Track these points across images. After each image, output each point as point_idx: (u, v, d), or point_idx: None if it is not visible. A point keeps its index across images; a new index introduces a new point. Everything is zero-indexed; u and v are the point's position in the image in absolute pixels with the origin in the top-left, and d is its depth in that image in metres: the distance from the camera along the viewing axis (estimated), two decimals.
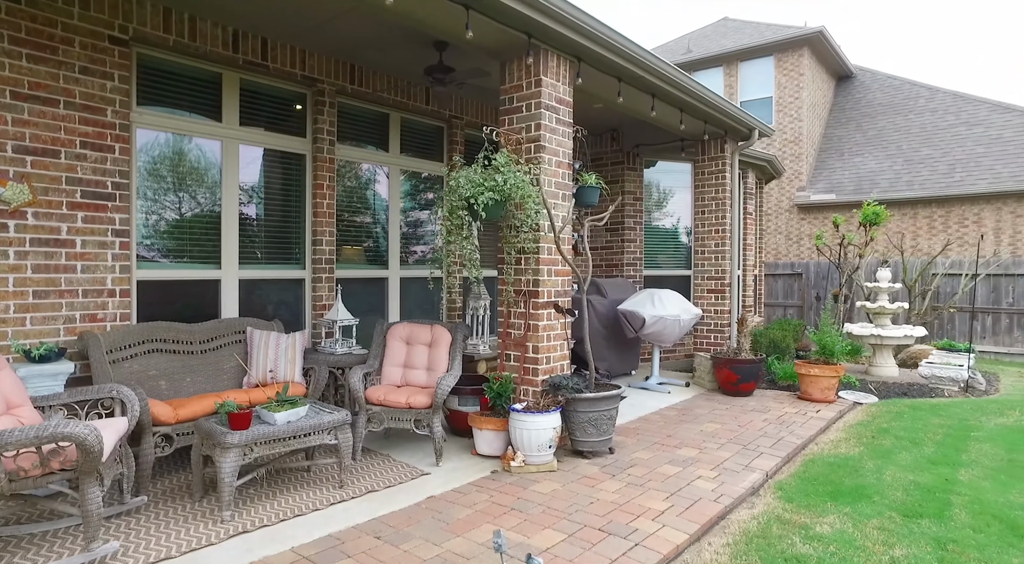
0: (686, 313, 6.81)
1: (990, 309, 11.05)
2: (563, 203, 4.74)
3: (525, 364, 4.65)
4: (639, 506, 3.63)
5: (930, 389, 7.55)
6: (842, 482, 4.16)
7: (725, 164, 7.62)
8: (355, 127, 6.09)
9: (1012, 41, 74.61)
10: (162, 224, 4.84)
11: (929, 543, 3.23)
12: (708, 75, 16.57)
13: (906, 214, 13.74)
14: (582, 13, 4.51)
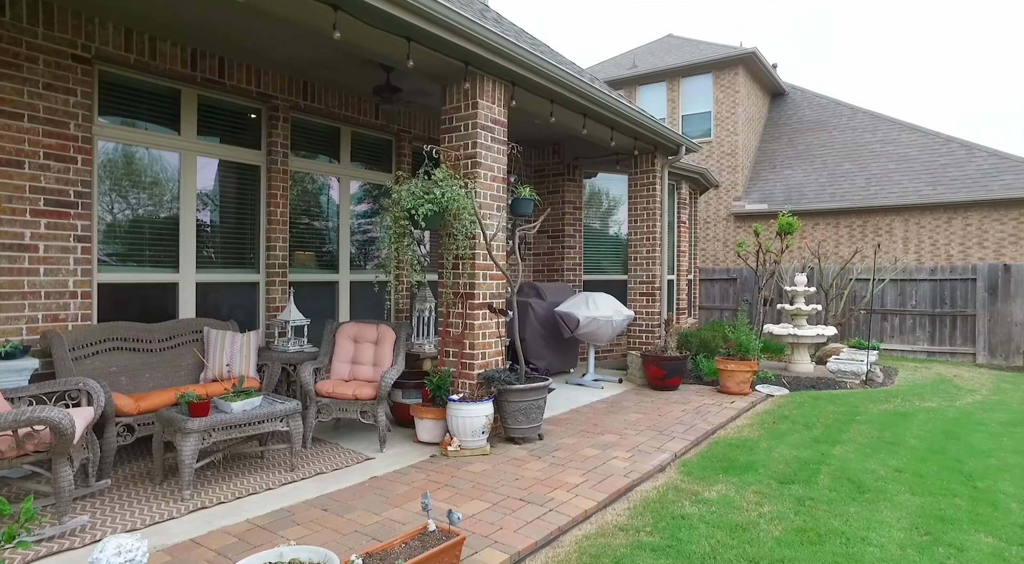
0: (618, 315, 7.42)
1: (897, 311, 12.09)
2: (497, 213, 5.26)
3: (462, 360, 5.14)
4: (558, 481, 4.17)
5: (836, 382, 8.36)
6: (737, 459, 4.79)
7: (655, 177, 8.30)
8: (308, 140, 6.49)
9: (922, 64, 79.70)
10: (123, 230, 5.14)
11: (792, 501, 3.87)
12: (652, 89, 17.45)
13: (830, 223, 14.82)
14: (514, 44, 5.05)
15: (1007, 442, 5.39)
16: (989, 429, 5.86)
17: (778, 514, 3.68)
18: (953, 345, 11.68)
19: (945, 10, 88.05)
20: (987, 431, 5.77)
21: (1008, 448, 5.19)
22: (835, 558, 3.11)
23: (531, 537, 3.28)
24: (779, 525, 3.53)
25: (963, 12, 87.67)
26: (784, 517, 3.64)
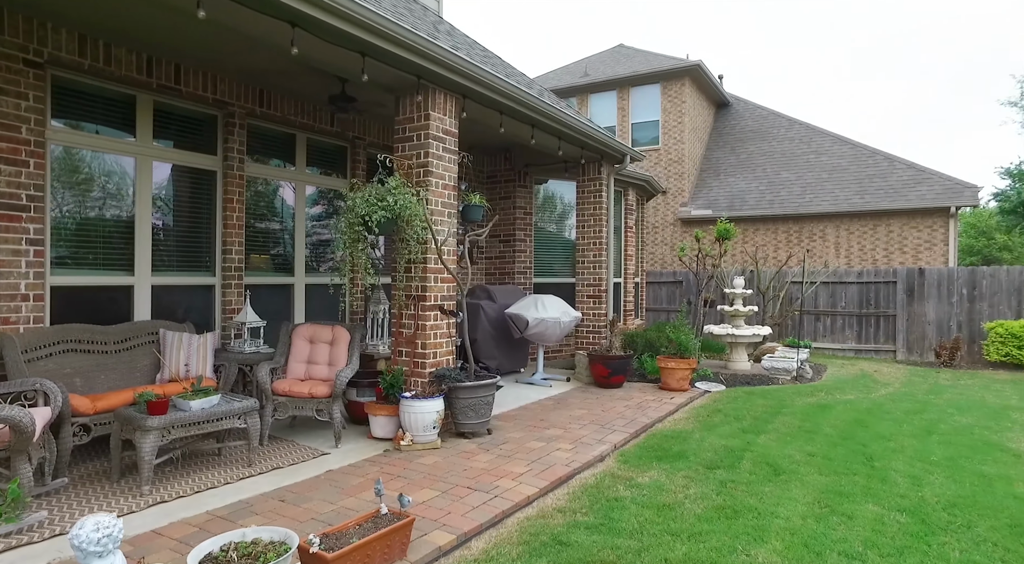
0: (566, 316, 7.78)
1: (828, 312, 12.88)
2: (448, 220, 5.54)
3: (415, 359, 5.40)
4: (504, 471, 4.47)
5: (769, 379, 8.94)
6: (670, 448, 5.19)
7: (602, 184, 8.71)
8: (264, 146, 6.62)
9: (851, 79, 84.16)
10: (77, 233, 5.20)
11: (716, 483, 4.27)
12: (604, 98, 17.99)
13: (769, 229, 15.62)
14: (464, 60, 5.34)
15: (906, 427, 5.97)
16: (894, 417, 6.45)
17: (702, 495, 4.08)
18: (877, 343, 12.52)
19: (874, 36, 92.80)
20: (892, 419, 6.36)
21: (906, 433, 5.77)
22: (746, 529, 3.51)
23: (477, 520, 3.57)
24: (702, 504, 3.92)
25: (888, 40, 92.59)
26: (707, 497, 4.03)
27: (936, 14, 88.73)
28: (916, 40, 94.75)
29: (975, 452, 5.20)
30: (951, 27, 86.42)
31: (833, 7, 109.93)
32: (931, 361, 11.70)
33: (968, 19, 79.54)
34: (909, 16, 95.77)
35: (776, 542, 3.35)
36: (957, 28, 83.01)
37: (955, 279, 11.79)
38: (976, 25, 77.64)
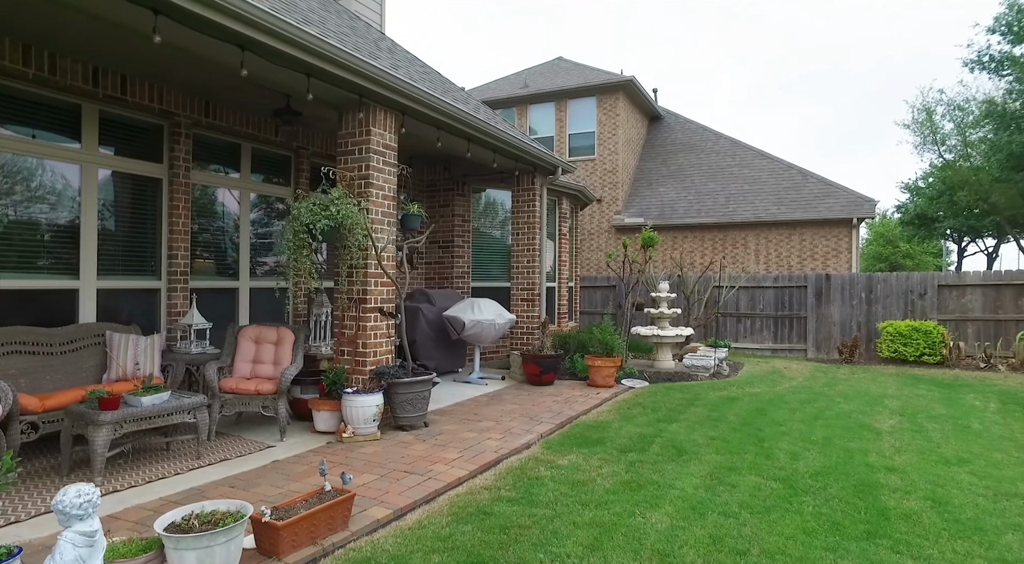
0: (501, 318, 8.29)
1: (748, 314, 13.89)
2: (387, 228, 5.96)
3: (356, 357, 5.79)
4: (438, 458, 4.93)
5: (690, 376, 9.71)
6: (591, 436, 5.77)
7: (535, 194, 9.29)
8: (209, 155, 6.86)
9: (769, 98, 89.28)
10: (21, 239, 5.34)
11: (626, 464, 4.86)
12: (543, 109, 18.67)
13: (697, 236, 16.63)
14: (403, 81, 5.78)
15: (798, 414, 6.77)
16: (790, 406, 7.26)
17: (612, 473, 4.65)
18: (791, 343, 13.59)
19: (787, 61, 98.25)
20: (788, 408, 7.16)
21: (797, 419, 6.55)
22: (646, 498, 4.09)
23: (412, 497, 4.02)
24: (611, 480, 4.48)
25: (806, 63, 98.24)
26: (616, 474, 4.61)
27: (848, 40, 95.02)
28: (833, 61, 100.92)
29: (848, 432, 6.00)
30: (863, 51, 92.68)
31: (762, 29, 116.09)
32: (835, 358, 12.81)
33: (879, 44, 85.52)
34: (826, 41, 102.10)
35: (669, 507, 3.95)
36: (868, 52, 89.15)
37: (856, 284, 12.96)
38: (886, 49, 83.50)
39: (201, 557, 2.67)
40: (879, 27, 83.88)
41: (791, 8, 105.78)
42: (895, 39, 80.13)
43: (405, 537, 3.46)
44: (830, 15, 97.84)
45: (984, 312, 12.07)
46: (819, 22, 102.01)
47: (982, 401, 7.84)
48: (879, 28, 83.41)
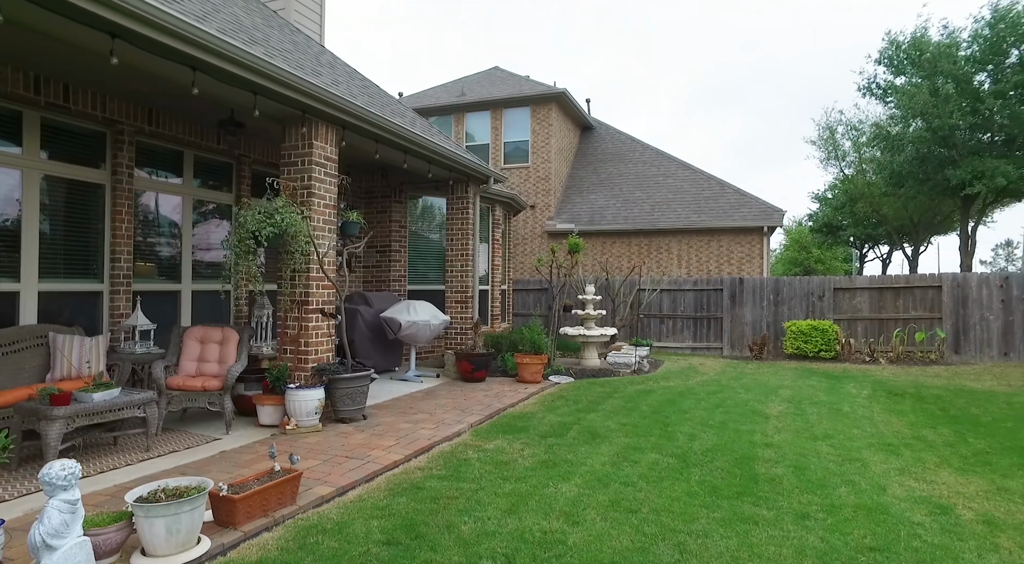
0: (435, 319, 8.80)
1: (670, 315, 14.90)
2: (328, 235, 6.39)
3: (298, 355, 6.19)
4: (376, 445, 5.41)
5: (612, 372, 10.49)
6: (516, 425, 6.38)
7: (468, 202, 9.85)
8: (152, 161, 7.08)
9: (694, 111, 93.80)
10: None
11: (545, 446, 5.49)
12: (479, 117, 19.25)
13: (624, 242, 17.60)
14: (343, 99, 6.24)
15: (703, 404, 7.62)
16: (698, 397, 8.12)
17: (533, 454, 5.26)
18: (709, 341, 14.68)
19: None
20: (695, 398, 8.01)
21: (701, 407, 7.39)
22: (559, 473, 4.72)
23: (352, 477, 4.50)
24: (531, 460, 5.10)
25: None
26: (536, 455, 5.23)
27: (781, 56, 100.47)
28: (761, 77, 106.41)
29: (742, 417, 6.86)
30: (793, 68, 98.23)
31: (692, 45, 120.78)
32: (747, 355, 13.96)
33: (806, 61, 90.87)
34: (760, 56, 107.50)
35: (578, 480, 4.59)
36: (797, 69, 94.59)
37: (765, 287, 14.17)
38: (810, 68, 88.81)
39: (169, 524, 3.09)
40: (807, 44, 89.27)
41: (723, 24, 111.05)
42: (819, 57, 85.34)
43: (347, 508, 3.95)
44: (762, 31, 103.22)
45: (871, 312, 13.48)
46: (752, 38, 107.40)
47: (858, 389, 8.95)
48: (807, 45, 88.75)
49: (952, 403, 7.95)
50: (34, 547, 2.70)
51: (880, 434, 6.23)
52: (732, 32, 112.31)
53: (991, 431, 6.40)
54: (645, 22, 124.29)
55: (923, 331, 12.95)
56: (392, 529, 3.60)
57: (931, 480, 4.74)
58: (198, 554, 3.18)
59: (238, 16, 6.62)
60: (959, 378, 10.28)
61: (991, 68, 14.30)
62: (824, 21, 79.27)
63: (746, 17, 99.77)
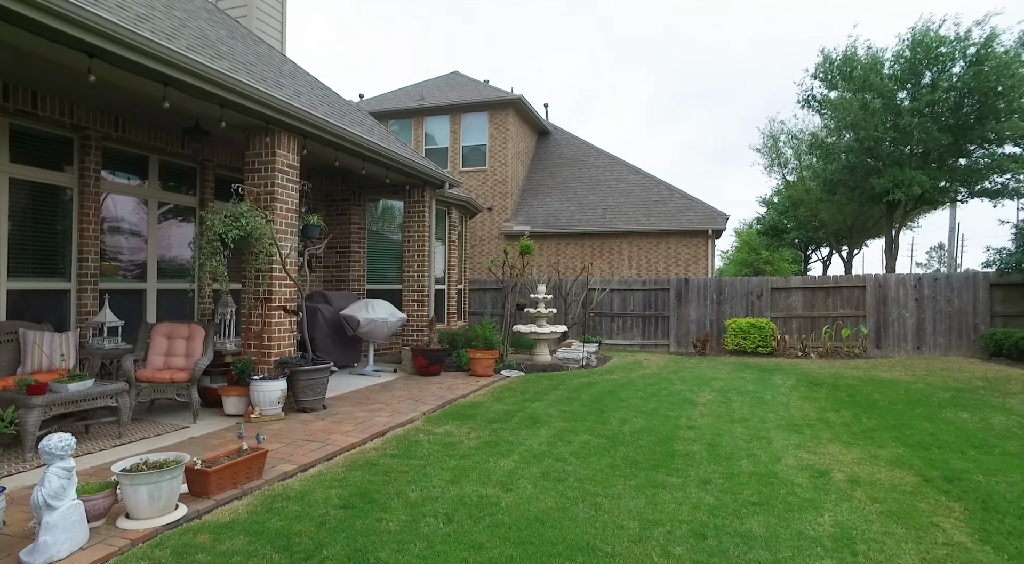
0: (393, 317, 9.30)
1: (620, 313, 15.68)
2: (291, 237, 6.84)
3: (262, 349, 6.62)
4: (336, 430, 5.91)
5: (562, 367, 11.14)
6: (466, 413, 6.94)
7: (425, 206, 10.37)
8: (119, 166, 7.39)
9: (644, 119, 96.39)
10: None
11: (490, 430, 6.07)
12: (438, 120, 19.73)
13: (578, 243, 18.33)
14: (305, 111, 6.70)
15: (640, 394, 8.33)
16: (637, 388, 8.83)
17: (478, 437, 5.84)
18: (656, 339, 15.50)
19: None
20: (634, 389, 8.72)
21: (638, 396, 8.09)
22: (500, 452, 5.30)
23: (313, 457, 5.00)
24: (476, 441, 5.67)
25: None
26: (481, 437, 5.81)
27: (728, 70, 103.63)
28: (716, 87, 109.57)
29: (673, 405, 7.57)
30: (750, 76, 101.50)
31: (658, 54, 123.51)
32: (691, 351, 14.82)
33: (754, 73, 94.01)
34: (708, 70, 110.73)
35: (516, 456, 5.19)
36: (746, 81, 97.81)
37: (709, 287, 15.05)
38: (757, 79, 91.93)
39: (152, 490, 3.55)
40: (762, 56, 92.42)
41: (687, 36, 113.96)
42: (773, 67, 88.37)
43: (308, 481, 4.46)
44: (724, 43, 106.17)
45: (804, 310, 14.50)
46: (715, 49, 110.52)
47: (783, 380, 9.81)
48: (762, 57, 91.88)
49: (860, 391, 8.85)
50: (37, 506, 3.14)
51: (790, 417, 7.02)
52: (696, 44, 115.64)
53: (883, 413, 7.26)
54: (613, 30, 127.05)
55: (849, 328, 14.01)
56: (348, 496, 4.13)
57: (820, 452, 5.50)
58: (177, 517, 3.65)
59: (204, 30, 7.01)
60: (874, 370, 11.28)
61: (909, 87, 15.53)
62: (778, 33, 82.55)
63: (708, 31, 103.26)
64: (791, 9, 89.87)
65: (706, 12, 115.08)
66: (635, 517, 3.88)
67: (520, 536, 3.54)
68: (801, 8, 77.67)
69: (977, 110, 14.75)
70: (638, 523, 3.77)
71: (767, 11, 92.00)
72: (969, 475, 4.82)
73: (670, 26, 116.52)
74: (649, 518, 3.86)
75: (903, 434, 6.24)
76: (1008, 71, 13.94)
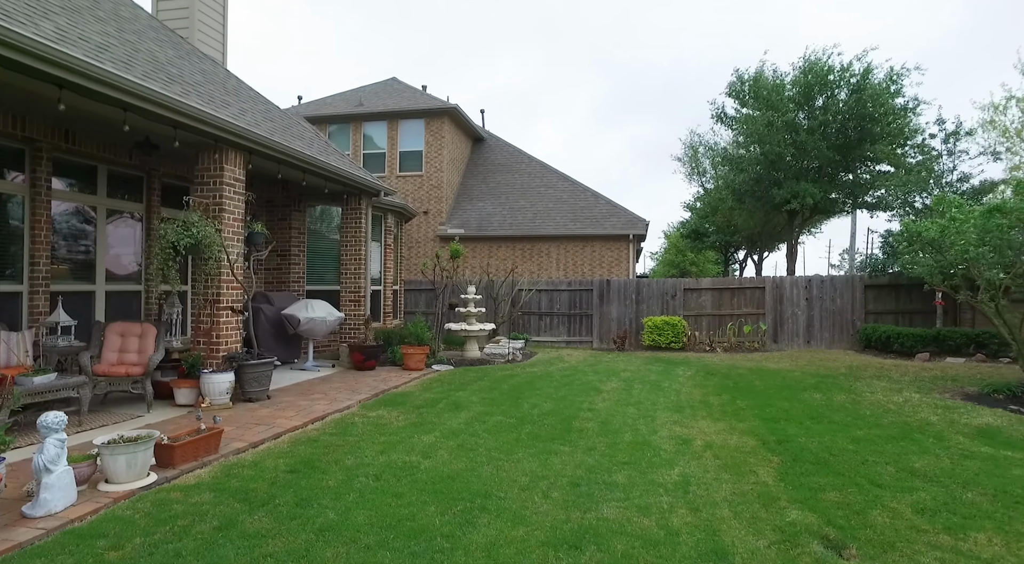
0: (331, 316, 10.05)
1: (548, 312, 16.83)
2: (237, 243, 7.54)
3: (211, 346, 7.32)
4: (280, 416, 6.69)
5: (489, 361, 12.14)
6: (396, 400, 7.83)
7: (361, 212, 11.15)
8: (69, 175, 7.88)
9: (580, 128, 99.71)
10: None
11: (417, 414, 7.00)
12: (376, 126, 20.38)
13: (510, 246, 19.38)
14: (251, 131, 7.42)
15: (555, 383, 9.43)
16: (553, 379, 9.93)
17: (406, 419, 6.76)
18: (581, 336, 16.73)
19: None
20: (551, 380, 9.82)
21: (552, 386, 9.18)
22: (423, 430, 6.24)
23: (262, 436, 5.80)
24: (404, 422, 6.59)
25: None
26: (408, 419, 6.73)
27: (667, 78, 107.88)
28: (651, 96, 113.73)
29: (581, 392, 8.69)
30: (678, 89, 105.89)
31: (602, 58, 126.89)
32: (612, 347, 16.11)
33: (691, 83, 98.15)
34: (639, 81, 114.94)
35: (437, 433, 6.14)
36: (681, 90, 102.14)
37: (629, 288, 16.39)
38: (693, 87, 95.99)
39: (129, 459, 4.31)
40: (698, 67, 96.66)
41: (632, 40, 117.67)
42: (707, 78, 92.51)
43: (259, 454, 5.28)
44: (666, 50, 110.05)
45: (712, 309, 16.04)
46: (656, 56, 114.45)
47: (685, 371, 11.14)
48: (698, 67, 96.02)
49: (745, 379, 10.24)
50: (37, 469, 3.87)
51: (678, 401, 8.25)
52: (641, 48, 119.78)
53: (756, 396, 8.61)
54: (558, 34, 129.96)
55: (750, 325, 15.63)
56: (294, 464, 4.99)
57: (691, 426, 6.70)
58: (149, 481, 4.42)
59: (154, 52, 7.61)
60: (766, 361, 12.80)
61: (806, 108, 17.37)
62: (709, 45, 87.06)
63: (656, 34, 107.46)
64: (718, 30, 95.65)
65: (643, 28, 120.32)
66: (528, 474, 4.90)
67: (434, 488, 4.50)
68: (721, 30, 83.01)
69: (858, 132, 16.70)
70: (529, 478, 4.80)
71: (695, 28, 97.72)
72: (796, 439, 6.11)
73: (620, 25, 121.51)
74: (538, 474, 4.90)
75: (763, 411, 7.55)
76: (880, 101, 15.92)
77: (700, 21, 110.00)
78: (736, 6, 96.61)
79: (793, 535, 3.76)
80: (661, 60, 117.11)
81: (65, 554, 3.32)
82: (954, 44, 73.29)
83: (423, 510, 4.06)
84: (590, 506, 4.20)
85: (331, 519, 3.86)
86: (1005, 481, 4.75)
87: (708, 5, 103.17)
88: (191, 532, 3.63)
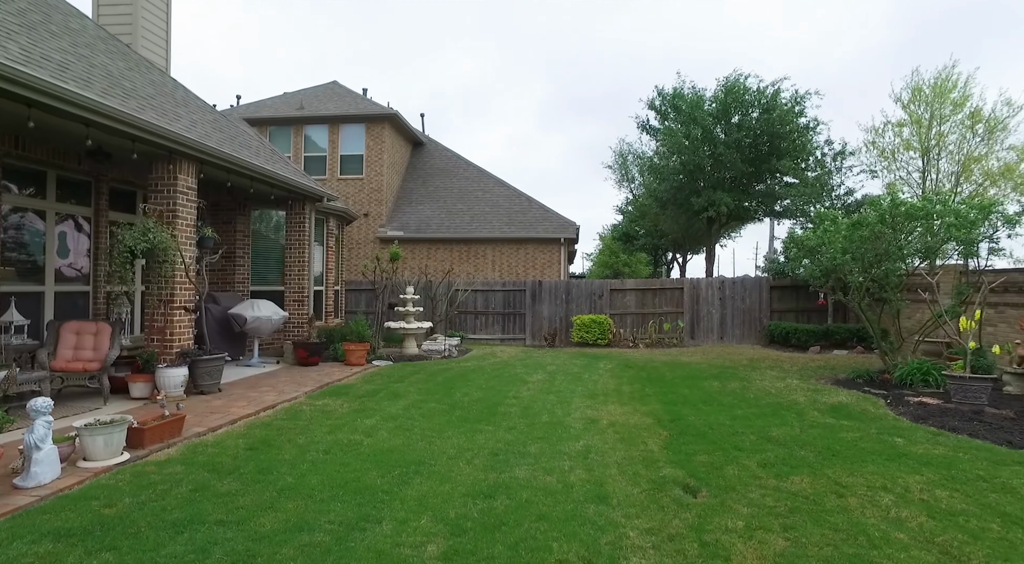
0: (276, 315, 10.64)
1: (484, 311, 17.75)
2: (190, 247, 8.11)
3: (164, 342, 7.86)
4: (233, 405, 7.34)
5: (426, 357, 12.95)
6: (340, 391, 8.58)
7: (305, 217, 11.76)
8: (19, 181, 8.21)
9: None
10: None
11: (358, 402, 7.78)
12: (318, 129, 20.78)
13: (448, 248, 20.19)
14: (202, 144, 8.00)
15: (485, 375, 10.36)
16: (484, 372, 10.86)
17: (349, 407, 7.54)
18: (515, 333, 17.73)
19: None
20: (482, 373, 10.74)
21: (483, 378, 10.12)
22: (365, 415, 7.04)
23: (219, 422, 6.47)
24: (347, 409, 7.36)
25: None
26: (352, 407, 7.51)
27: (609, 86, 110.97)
28: (593, 101, 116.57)
29: (508, 383, 9.66)
30: (623, 94, 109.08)
31: (547, 59, 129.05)
32: (543, 344, 17.19)
33: (634, 88, 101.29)
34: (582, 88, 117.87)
35: (378, 417, 6.96)
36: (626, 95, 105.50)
37: (559, 288, 17.51)
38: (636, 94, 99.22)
39: (106, 439, 4.95)
40: (638, 75, 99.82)
41: (581, 46, 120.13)
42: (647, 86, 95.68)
43: (219, 437, 5.97)
44: (612, 57, 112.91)
45: (636, 308, 17.35)
46: (602, 64, 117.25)
47: (606, 365, 12.29)
48: (639, 75, 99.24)
49: (657, 370, 11.47)
50: (28, 446, 4.48)
51: (594, 390, 9.32)
52: (595, 52, 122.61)
53: (664, 384, 9.79)
54: (511, 35, 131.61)
55: (670, 322, 17.03)
56: (252, 443, 5.72)
57: (601, 409, 7.76)
58: (124, 459, 5.07)
59: (107, 66, 8.07)
60: (681, 356, 14.14)
61: (723, 123, 19.00)
62: (654, 53, 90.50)
63: (607, 41, 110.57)
64: (653, 45, 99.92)
65: (598, 33, 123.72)
66: (455, 447, 5.81)
67: (375, 459, 5.34)
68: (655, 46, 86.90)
69: (768, 147, 18.45)
70: (456, 450, 5.71)
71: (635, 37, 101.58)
72: (687, 418, 7.25)
73: (567, 29, 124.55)
74: (464, 447, 5.81)
75: (666, 397, 8.70)
76: (786, 120, 17.69)
77: (648, 30, 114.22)
78: (682, 23, 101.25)
79: (662, 484, 4.82)
80: (609, 65, 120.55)
81: (66, 511, 3.99)
82: (855, 71, 79.29)
83: (366, 474, 4.90)
84: (505, 469, 5.14)
85: (289, 482, 4.66)
86: (832, 442, 6.00)
87: (660, 21, 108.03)
88: (171, 493, 4.35)
